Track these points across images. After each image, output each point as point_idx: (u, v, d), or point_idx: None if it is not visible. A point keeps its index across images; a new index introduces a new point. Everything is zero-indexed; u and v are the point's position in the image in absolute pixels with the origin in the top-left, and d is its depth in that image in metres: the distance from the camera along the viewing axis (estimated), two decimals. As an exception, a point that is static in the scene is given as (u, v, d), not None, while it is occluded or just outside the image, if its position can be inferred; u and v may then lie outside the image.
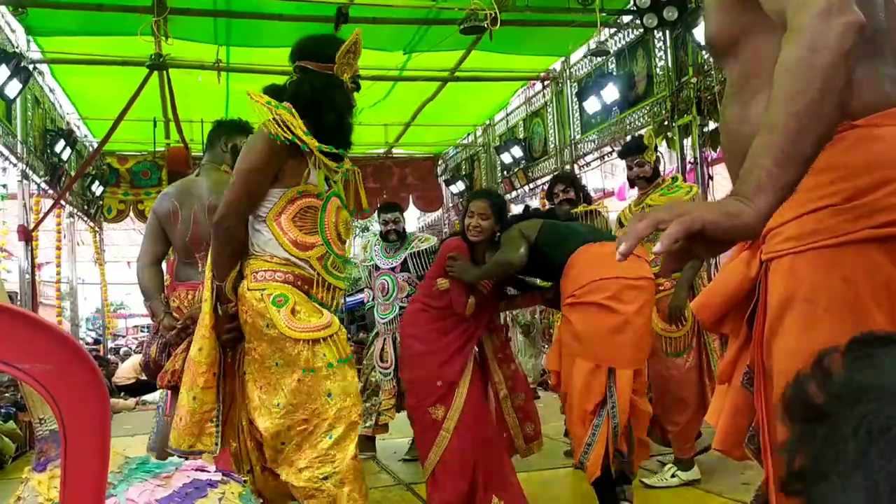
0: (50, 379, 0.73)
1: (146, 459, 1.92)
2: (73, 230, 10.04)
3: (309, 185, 2.52)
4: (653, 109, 6.90)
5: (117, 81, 7.30)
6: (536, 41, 7.41)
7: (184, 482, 1.81)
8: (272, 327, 2.39)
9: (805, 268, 1.18)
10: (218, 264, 2.50)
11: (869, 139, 1.14)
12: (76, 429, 0.71)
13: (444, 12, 6.19)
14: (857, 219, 1.12)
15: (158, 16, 5.57)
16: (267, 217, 2.50)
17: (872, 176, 1.12)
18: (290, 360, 2.39)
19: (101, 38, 6.76)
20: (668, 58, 6.66)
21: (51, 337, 0.78)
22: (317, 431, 2.38)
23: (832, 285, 1.14)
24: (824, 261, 1.16)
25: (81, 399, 0.73)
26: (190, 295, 3.15)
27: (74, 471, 0.70)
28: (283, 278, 2.47)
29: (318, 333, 2.40)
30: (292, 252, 2.48)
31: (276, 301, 2.42)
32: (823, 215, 1.15)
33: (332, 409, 2.38)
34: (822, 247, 1.16)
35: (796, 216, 1.18)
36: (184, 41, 6.46)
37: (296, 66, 2.62)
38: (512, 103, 10.03)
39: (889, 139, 1.14)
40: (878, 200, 1.11)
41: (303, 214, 2.51)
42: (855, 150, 1.14)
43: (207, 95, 7.90)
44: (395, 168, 11.43)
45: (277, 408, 2.38)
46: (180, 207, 3.20)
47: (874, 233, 1.11)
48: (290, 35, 6.77)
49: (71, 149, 8.39)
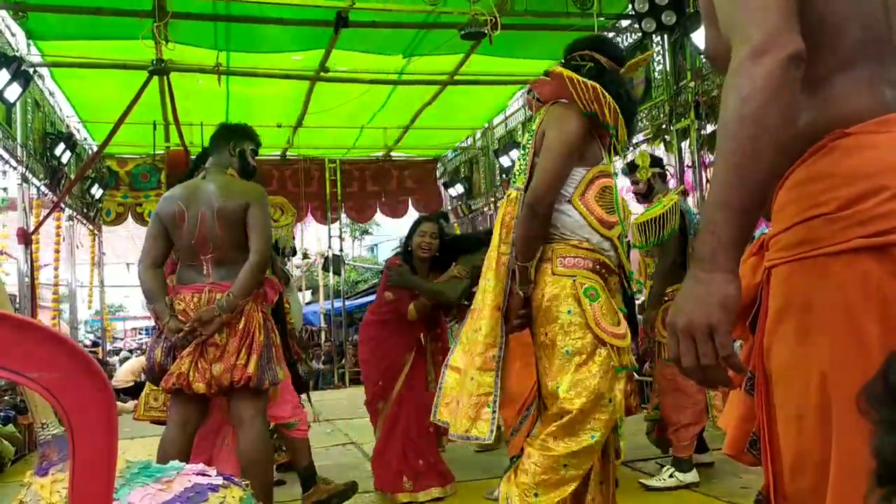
0: (58, 387, 0.74)
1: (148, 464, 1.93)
2: (72, 233, 10.05)
3: (604, 164, 2.56)
4: (651, 113, 6.92)
5: (117, 85, 7.33)
6: (535, 45, 7.43)
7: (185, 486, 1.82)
8: (575, 314, 2.40)
9: (800, 276, 1.18)
10: (529, 246, 2.46)
11: (861, 147, 1.14)
12: (84, 436, 0.73)
13: (443, 16, 6.21)
14: (849, 228, 1.12)
15: (159, 21, 5.58)
16: (572, 197, 2.48)
17: (864, 184, 1.12)
18: (583, 351, 2.39)
19: (101, 41, 6.78)
20: (667, 62, 6.68)
21: (58, 345, 0.79)
22: (583, 427, 2.39)
23: (826, 294, 1.14)
24: (818, 269, 1.15)
25: (89, 406, 0.75)
26: (195, 298, 3.14)
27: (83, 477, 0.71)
28: (591, 266, 2.47)
29: (619, 341, 2.44)
30: (600, 230, 2.49)
31: (589, 294, 2.43)
32: (817, 224, 1.15)
33: (606, 412, 2.40)
34: (816, 255, 1.16)
35: (793, 224, 1.19)
36: (184, 45, 6.47)
37: (583, 54, 2.64)
38: (511, 107, 10.05)
39: (882, 147, 1.13)
40: (870, 209, 1.11)
41: (602, 194, 2.51)
42: (847, 159, 1.14)
43: (207, 99, 7.92)
44: (394, 171, 11.45)
45: (562, 391, 2.39)
46: (186, 210, 3.20)
47: (866, 242, 1.11)
48: (290, 39, 6.87)
49: (71, 152, 8.41)
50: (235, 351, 3.05)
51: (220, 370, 3.04)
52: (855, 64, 1.18)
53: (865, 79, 1.18)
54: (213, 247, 3.17)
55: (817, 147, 1.16)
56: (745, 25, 1.14)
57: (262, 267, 3.15)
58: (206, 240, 3.17)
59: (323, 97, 8.25)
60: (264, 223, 3.18)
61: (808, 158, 1.17)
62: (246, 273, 3.09)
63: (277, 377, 3.18)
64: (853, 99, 1.16)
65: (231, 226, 3.15)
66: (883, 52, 1.20)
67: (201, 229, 3.17)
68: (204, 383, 3.04)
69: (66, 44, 6.96)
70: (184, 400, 3.14)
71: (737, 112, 1.10)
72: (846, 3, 1.20)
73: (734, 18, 1.17)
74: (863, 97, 1.17)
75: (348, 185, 11.19)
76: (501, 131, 10.34)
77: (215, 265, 3.18)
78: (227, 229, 3.15)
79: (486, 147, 10.79)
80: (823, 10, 1.19)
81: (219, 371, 3.04)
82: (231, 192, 3.19)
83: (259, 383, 3.07)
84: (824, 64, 1.19)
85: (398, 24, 6.62)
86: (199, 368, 3.05)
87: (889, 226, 1.09)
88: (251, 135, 3.47)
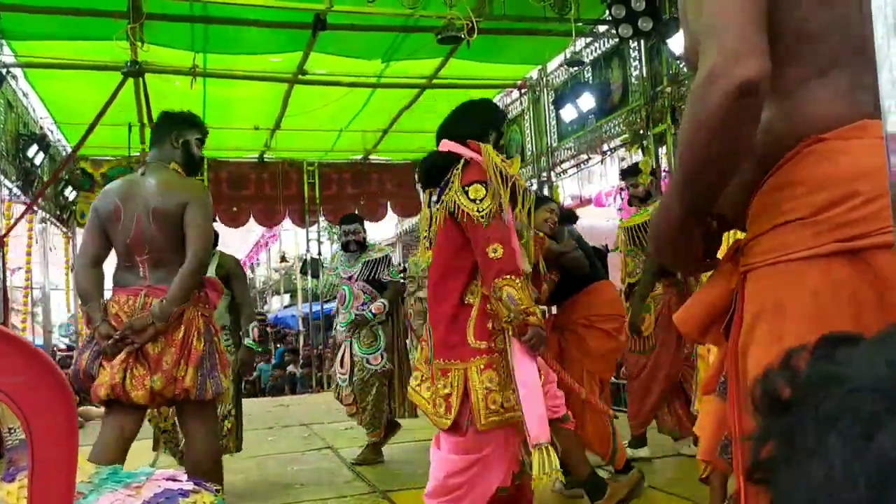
0: (18, 391, 0.73)
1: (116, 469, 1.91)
2: (45, 236, 9.92)
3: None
4: (628, 118, 6.97)
5: (92, 86, 7.24)
6: (513, 49, 7.46)
7: (155, 492, 1.80)
8: None
9: (775, 280, 1.19)
10: None
11: (835, 152, 1.15)
12: (43, 440, 0.71)
13: (421, 20, 6.21)
14: (822, 232, 1.13)
15: (134, 22, 5.52)
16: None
17: (837, 190, 1.13)
18: None
19: (75, 42, 6.70)
20: (643, 67, 6.73)
21: (19, 350, 0.78)
22: None
23: (800, 298, 1.15)
24: (793, 274, 1.17)
25: (49, 410, 0.74)
26: (130, 301, 2.94)
27: (42, 482, 0.70)
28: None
29: None
30: None
31: None
32: (792, 228, 1.17)
33: None
34: (791, 260, 1.17)
35: (769, 228, 1.20)
36: (159, 46, 6.42)
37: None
38: (489, 111, 10.06)
39: (855, 152, 1.14)
40: (843, 214, 1.12)
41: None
42: (822, 164, 1.15)
43: (184, 101, 7.84)
44: (373, 174, 11.42)
45: None
46: (123, 207, 3.02)
47: (839, 247, 1.12)
48: (268, 41, 6.83)
49: (44, 153, 8.29)
50: (175, 363, 2.88)
51: (161, 383, 2.87)
52: (832, 70, 1.19)
53: (843, 85, 1.19)
54: (150, 248, 2.99)
55: (793, 153, 1.17)
56: (706, 42, 1.15)
57: (198, 271, 2.96)
58: (141, 240, 2.99)
59: (301, 100, 8.22)
60: (202, 223, 2.98)
61: (783, 164, 1.18)
62: (180, 278, 2.89)
63: (221, 386, 3.02)
64: (829, 105, 1.17)
65: (168, 226, 2.97)
66: (861, 58, 1.19)
67: (137, 229, 2.99)
68: (144, 392, 2.86)
69: (40, 44, 6.87)
70: (120, 409, 2.92)
71: (689, 132, 1.15)
72: (825, 11, 1.21)
73: (698, 31, 1.18)
74: (839, 103, 1.18)
75: (327, 188, 11.15)
76: (480, 135, 10.34)
77: (152, 267, 3.00)
78: (164, 230, 2.97)
79: (464, 151, 10.79)
80: (800, 17, 1.20)
81: (160, 384, 2.87)
82: (169, 190, 2.99)
83: (200, 395, 2.92)
84: (801, 70, 1.20)
85: (377, 28, 6.61)
86: (136, 377, 2.86)
87: (861, 231, 1.10)
88: (196, 123, 3.27)
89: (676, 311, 1.54)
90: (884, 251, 1.09)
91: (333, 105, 8.25)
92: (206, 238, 3.01)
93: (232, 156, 10.48)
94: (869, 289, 1.10)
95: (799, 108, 1.19)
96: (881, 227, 1.08)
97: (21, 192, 8.04)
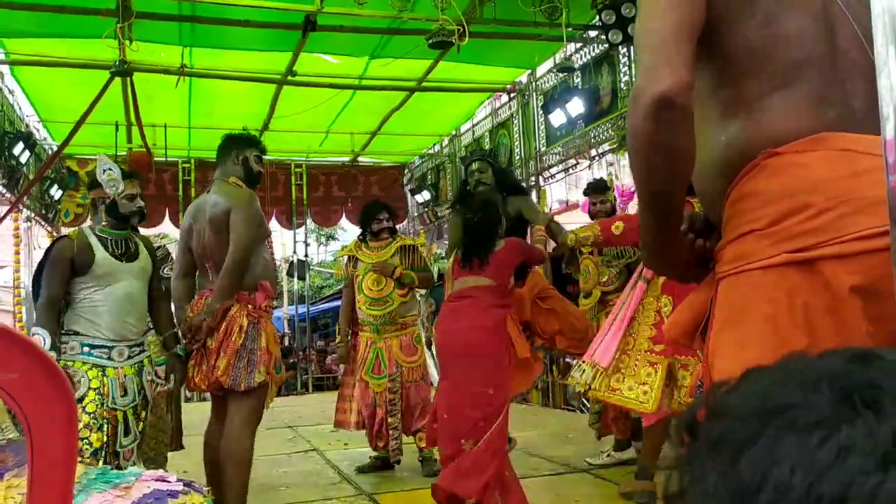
0: (16, 388, 0.72)
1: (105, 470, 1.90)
2: (30, 234, 9.83)
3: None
4: (617, 123, 7.00)
5: (78, 84, 7.18)
6: (503, 53, 7.48)
7: (144, 493, 1.79)
8: None
9: (738, 289, 1.24)
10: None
11: (791, 165, 1.19)
12: (43, 437, 0.71)
13: (411, 22, 6.21)
14: (777, 243, 1.17)
15: (123, 21, 5.47)
16: None
17: (791, 202, 1.17)
18: None
19: (63, 40, 6.65)
20: (633, 73, 6.77)
21: (17, 346, 0.77)
22: None
23: (758, 307, 1.19)
24: (752, 283, 1.21)
25: (48, 407, 0.73)
26: (201, 301, 3.36)
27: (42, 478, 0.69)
28: None
29: None
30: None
31: None
32: (751, 239, 1.21)
33: None
34: (749, 269, 1.21)
35: (734, 237, 1.25)
36: (147, 42, 6.37)
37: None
38: (478, 114, 10.09)
39: (810, 165, 1.17)
40: (796, 226, 1.16)
41: None
42: (776, 177, 1.20)
43: (171, 100, 7.82)
44: (360, 177, 11.41)
45: None
46: (193, 223, 3.47)
47: (792, 257, 1.15)
48: (257, 41, 6.80)
49: (30, 152, 8.22)
50: (213, 354, 3.22)
51: (204, 372, 3.27)
52: (792, 84, 1.22)
53: (802, 98, 1.22)
54: (211, 254, 3.37)
55: (751, 166, 1.21)
56: (639, 60, 1.24)
57: (232, 270, 3.23)
58: (206, 248, 3.40)
59: (289, 101, 8.20)
60: (240, 227, 3.27)
61: (743, 177, 1.23)
62: (220, 277, 3.25)
63: (254, 380, 3.26)
64: (787, 118, 1.21)
65: (219, 232, 3.31)
66: (824, 71, 1.23)
67: (202, 239, 3.41)
68: (203, 382, 3.28)
69: (27, 41, 6.82)
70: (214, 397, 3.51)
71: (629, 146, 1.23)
72: (774, 27, 1.24)
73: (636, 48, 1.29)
74: (797, 116, 1.21)
75: (314, 190, 11.12)
76: (469, 139, 10.37)
77: (215, 271, 3.35)
78: (218, 236, 3.32)
79: (452, 154, 10.81)
80: (748, 34, 1.24)
81: (200, 374, 3.29)
82: (219, 200, 3.37)
83: (233, 385, 3.22)
84: (759, 85, 1.24)
85: (366, 30, 6.61)
86: (202, 370, 3.28)
87: (813, 241, 1.14)
88: (254, 142, 3.67)
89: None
90: (833, 261, 1.12)
91: (321, 106, 8.23)
92: (242, 240, 3.29)
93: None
94: (820, 297, 1.13)
95: (758, 122, 1.23)
96: (831, 237, 1.12)
97: (6, 191, 7.97)
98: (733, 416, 0.43)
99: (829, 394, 0.41)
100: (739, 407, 0.44)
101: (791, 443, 0.39)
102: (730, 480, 0.40)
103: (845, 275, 1.12)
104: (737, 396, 0.45)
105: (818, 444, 0.39)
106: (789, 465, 0.39)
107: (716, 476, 0.41)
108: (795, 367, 0.45)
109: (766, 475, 0.39)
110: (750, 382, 0.46)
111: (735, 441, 0.41)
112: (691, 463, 0.44)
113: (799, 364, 0.46)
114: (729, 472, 0.41)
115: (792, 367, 0.45)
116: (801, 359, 0.46)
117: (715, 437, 0.43)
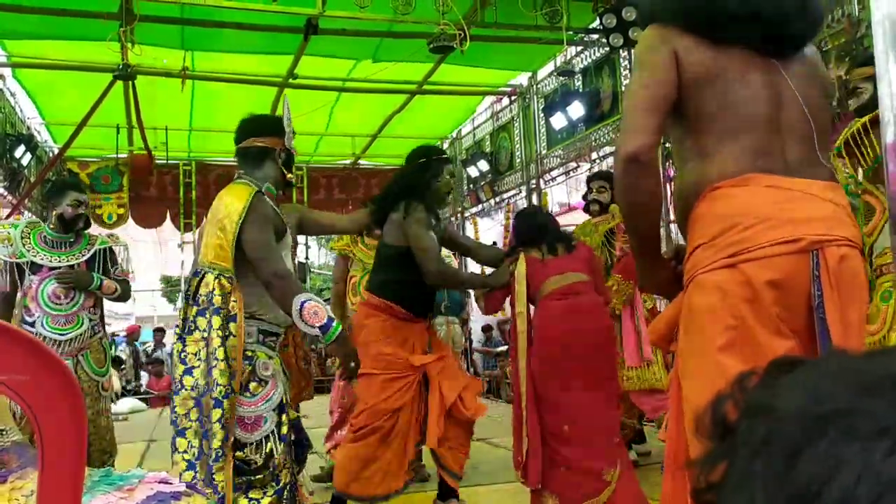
0: (26, 389, 0.73)
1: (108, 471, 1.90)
2: (31, 237, 9.82)
3: None
4: (618, 126, 7.01)
5: (80, 86, 7.19)
6: (504, 55, 7.48)
7: (147, 494, 1.80)
8: None
9: (692, 290, 1.63)
10: None
11: (726, 196, 1.61)
12: (53, 438, 0.72)
13: (412, 25, 6.22)
14: (716, 252, 1.58)
15: (126, 24, 5.48)
16: None
17: (725, 222, 1.59)
18: None
19: (65, 42, 6.66)
20: (633, 76, 6.77)
21: (25, 347, 0.78)
22: None
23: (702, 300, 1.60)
24: (698, 284, 1.61)
25: (57, 409, 0.74)
26: None
27: (51, 479, 0.70)
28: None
29: None
30: None
31: None
32: (701, 250, 1.62)
33: None
34: (699, 274, 1.61)
35: (691, 252, 1.67)
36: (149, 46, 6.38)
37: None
38: (479, 117, 10.10)
39: (739, 196, 1.60)
40: (728, 238, 1.57)
41: None
42: (716, 204, 1.62)
43: (172, 102, 7.83)
44: (361, 179, 11.41)
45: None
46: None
47: (727, 261, 1.57)
48: (259, 44, 6.82)
49: (31, 154, 8.23)
50: None
51: None
52: (736, 138, 1.63)
53: (743, 150, 1.63)
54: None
55: (701, 197, 1.65)
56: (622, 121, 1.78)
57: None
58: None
59: (291, 103, 8.19)
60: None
61: (697, 205, 1.66)
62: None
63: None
64: (728, 163, 1.62)
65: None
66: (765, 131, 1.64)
67: None
68: None
69: (30, 44, 6.83)
70: None
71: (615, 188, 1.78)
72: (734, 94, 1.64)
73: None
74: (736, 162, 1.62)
75: (315, 192, 11.11)
76: (469, 141, 10.38)
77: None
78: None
79: (453, 156, 10.82)
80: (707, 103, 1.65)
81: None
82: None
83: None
84: (712, 138, 1.65)
85: (368, 33, 6.62)
86: None
87: (739, 249, 1.56)
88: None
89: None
90: (753, 263, 1.54)
91: (322, 109, 8.24)
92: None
93: (220, 158, 10.44)
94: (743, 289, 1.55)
95: (709, 166, 1.65)
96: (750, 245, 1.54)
97: (7, 193, 7.98)
98: (781, 417, 0.41)
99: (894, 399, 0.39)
100: (787, 407, 0.42)
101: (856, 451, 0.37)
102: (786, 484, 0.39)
103: (761, 272, 1.54)
104: (780, 395, 0.43)
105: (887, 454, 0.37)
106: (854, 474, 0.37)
107: (767, 478, 0.40)
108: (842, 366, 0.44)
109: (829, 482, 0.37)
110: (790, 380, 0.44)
111: (788, 443, 0.40)
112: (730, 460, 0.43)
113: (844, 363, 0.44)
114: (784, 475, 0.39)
115: (837, 367, 0.44)
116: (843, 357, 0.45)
117: (761, 437, 0.41)
